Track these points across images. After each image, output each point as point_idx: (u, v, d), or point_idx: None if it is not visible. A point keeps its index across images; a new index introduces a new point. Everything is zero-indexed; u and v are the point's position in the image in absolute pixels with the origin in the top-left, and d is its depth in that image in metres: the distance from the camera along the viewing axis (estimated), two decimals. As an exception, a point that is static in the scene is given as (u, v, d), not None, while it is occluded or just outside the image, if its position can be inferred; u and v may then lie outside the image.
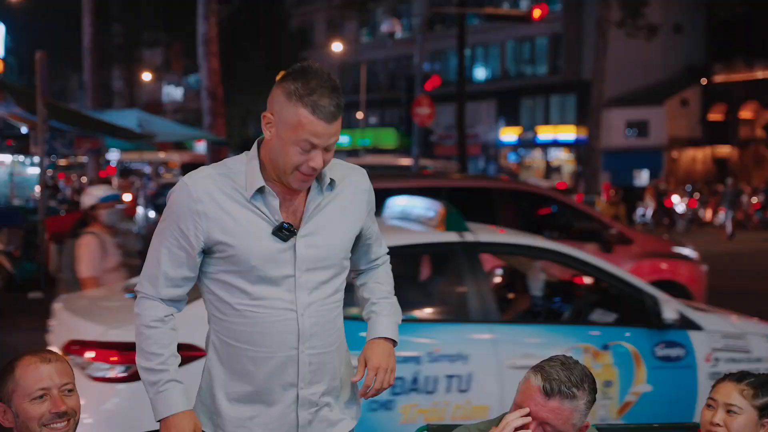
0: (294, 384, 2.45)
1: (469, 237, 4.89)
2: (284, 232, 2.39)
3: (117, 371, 4.08)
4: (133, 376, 3.94)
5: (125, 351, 3.99)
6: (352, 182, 2.56)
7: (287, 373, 2.44)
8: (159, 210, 16.82)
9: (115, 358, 4.07)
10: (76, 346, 4.17)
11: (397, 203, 5.69)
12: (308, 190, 2.45)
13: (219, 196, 2.39)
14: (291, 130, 2.32)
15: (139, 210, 21.59)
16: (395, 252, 5.03)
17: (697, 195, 30.80)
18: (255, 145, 2.48)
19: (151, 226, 18.06)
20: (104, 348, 4.10)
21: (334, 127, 2.34)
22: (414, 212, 5.29)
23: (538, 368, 2.43)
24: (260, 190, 2.39)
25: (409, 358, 4.39)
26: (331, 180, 2.47)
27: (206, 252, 2.43)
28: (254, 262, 2.38)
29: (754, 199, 28.93)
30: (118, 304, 4.82)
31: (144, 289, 2.48)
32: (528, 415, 2.39)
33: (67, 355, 4.11)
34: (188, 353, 3.79)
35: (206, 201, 2.38)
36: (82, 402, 2.58)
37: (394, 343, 2.63)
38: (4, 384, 2.48)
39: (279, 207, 2.41)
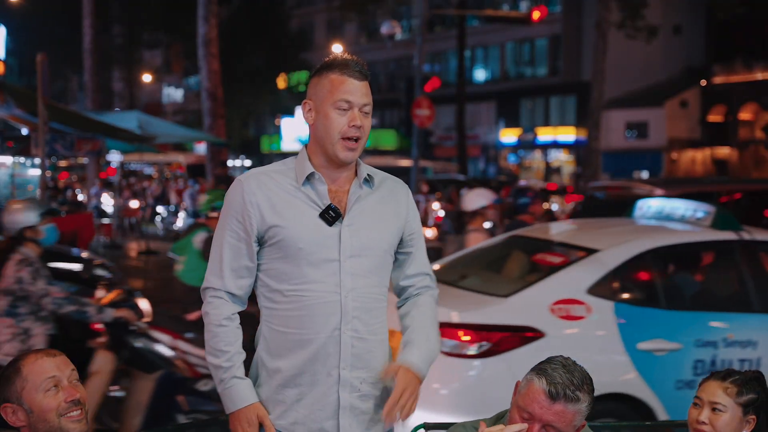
0: (336, 365, 2.58)
1: (745, 236, 5.45)
2: (330, 213, 2.58)
3: (470, 349, 4.72)
4: (486, 354, 4.71)
5: (478, 331, 4.72)
6: (390, 186, 2.76)
7: (330, 353, 2.58)
8: None
9: (468, 338, 4.73)
10: None
11: (651, 205, 6.30)
12: (351, 185, 2.67)
13: (271, 187, 2.61)
14: (327, 95, 2.59)
15: (182, 216, 21.34)
16: (671, 250, 5.62)
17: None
18: (303, 148, 2.70)
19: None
20: (452, 327, 4.74)
21: (364, 86, 2.62)
22: (677, 213, 5.92)
23: (540, 371, 2.44)
24: (309, 178, 2.60)
25: (708, 343, 5.04)
26: (369, 176, 2.68)
27: (260, 242, 2.61)
28: (302, 245, 2.56)
29: None
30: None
31: (211, 283, 2.65)
32: (527, 428, 2.42)
33: None
34: (529, 334, 4.75)
35: (258, 192, 2.59)
36: (436, 374, 2.73)
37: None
38: (11, 384, 2.53)
39: (327, 192, 2.61)
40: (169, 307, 6.82)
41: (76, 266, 8.71)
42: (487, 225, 7.69)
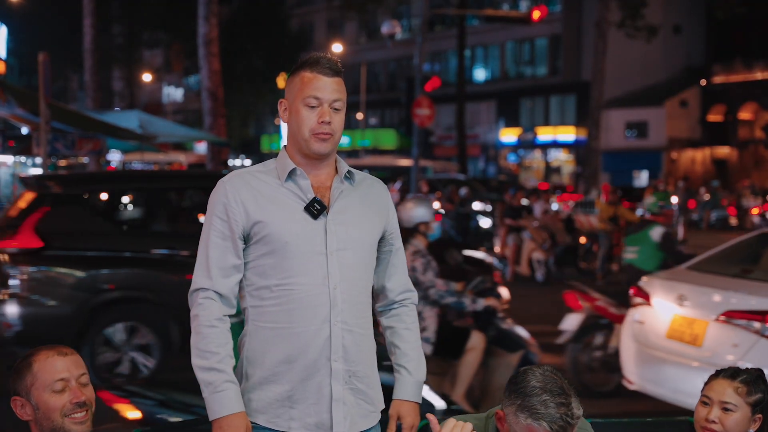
0: (328, 357, 2.58)
1: None
2: (315, 206, 2.59)
3: None
4: None
5: None
6: (370, 184, 2.79)
7: (321, 346, 2.57)
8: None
9: None
10: (739, 315, 5.47)
11: None
12: (332, 182, 2.68)
13: (255, 185, 2.62)
14: (298, 92, 2.60)
15: None
16: None
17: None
18: (282, 148, 2.72)
19: None
20: None
21: (334, 82, 2.60)
22: None
23: (531, 411, 2.35)
24: (291, 174, 2.62)
25: None
26: (349, 171, 2.70)
27: (245, 239, 2.61)
28: (288, 239, 2.56)
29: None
30: (738, 280, 6.14)
31: (199, 283, 2.60)
32: None
33: (728, 321, 5.52)
34: None
35: (242, 190, 2.60)
36: (760, 357, 2.79)
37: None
38: (22, 378, 2.56)
39: (310, 186, 2.62)
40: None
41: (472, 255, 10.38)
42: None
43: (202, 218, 7.52)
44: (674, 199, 16.21)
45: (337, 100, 2.60)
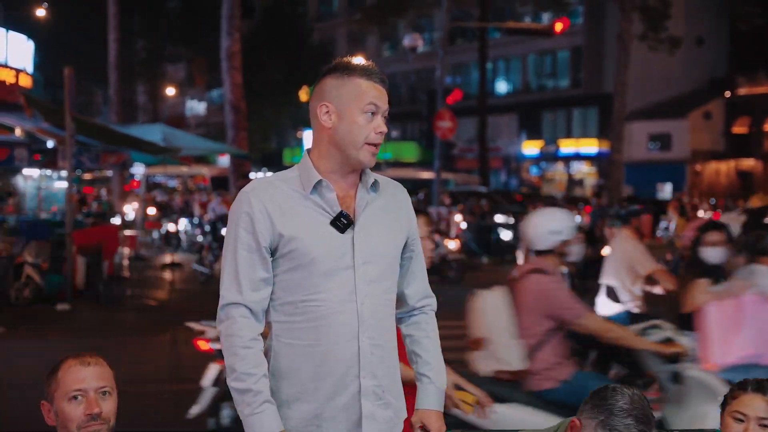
0: (356, 375, 2.53)
1: None
2: (342, 220, 2.54)
3: None
4: None
5: None
6: (392, 191, 2.74)
7: (350, 363, 2.53)
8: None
9: None
10: None
11: None
12: (356, 191, 2.63)
13: (279, 197, 2.55)
14: (355, 99, 2.57)
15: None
16: None
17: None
18: (305, 154, 2.68)
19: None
20: None
21: (386, 92, 2.63)
22: None
23: None
24: (317, 186, 2.56)
25: None
26: (375, 181, 2.65)
27: (271, 253, 2.55)
28: (315, 254, 2.50)
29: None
30: None
31: (230, 298, 2.54)
32: None
33: None
34: None
35: (267, 202, 2.53)
36: None
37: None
38: (49, 384, 2.59)
39: (336, 199, 2.57)
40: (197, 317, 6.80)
41: None
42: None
43: None
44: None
45: (387, 110, 2.61)
